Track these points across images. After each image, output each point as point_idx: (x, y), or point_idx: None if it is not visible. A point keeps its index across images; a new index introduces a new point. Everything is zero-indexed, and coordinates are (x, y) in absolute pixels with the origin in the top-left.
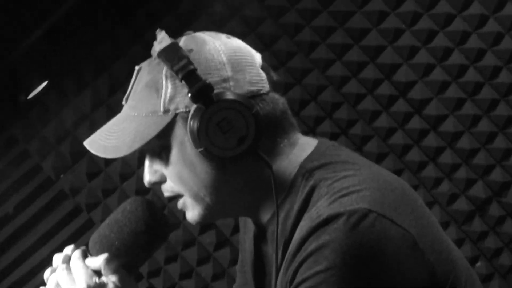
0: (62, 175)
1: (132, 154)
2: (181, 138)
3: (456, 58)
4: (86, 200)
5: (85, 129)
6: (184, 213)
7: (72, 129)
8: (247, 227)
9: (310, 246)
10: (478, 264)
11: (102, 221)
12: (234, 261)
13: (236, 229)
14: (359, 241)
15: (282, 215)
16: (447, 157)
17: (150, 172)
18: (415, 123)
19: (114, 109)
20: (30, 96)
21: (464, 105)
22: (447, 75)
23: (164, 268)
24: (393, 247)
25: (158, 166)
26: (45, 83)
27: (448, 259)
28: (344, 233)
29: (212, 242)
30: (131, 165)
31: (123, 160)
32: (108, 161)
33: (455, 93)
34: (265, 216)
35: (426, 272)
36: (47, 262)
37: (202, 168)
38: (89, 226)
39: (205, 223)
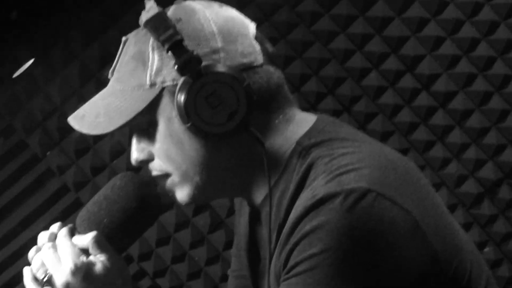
0: (48, 152)
1: (120, 131)
2: (169, 114)
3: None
4: (74, 178)
5: (73, 103)
6: None
7: (59, 104)
8: (243, 209)
9: (305, 227)
10: (486, 249)
11: None
12: (229, 244)
13: (231, 211)
14: (357, 223)
15: (276, 195)
16: (455, 136)
17: (137, 149)
18: (423, 99)
19: (104, 83)
20: (16, 74)
21: (475, 81)
22: (457, 49)
23: (155, 251)
24: (393, 229)
25: (146, 143)
26: (31, 61)
27: (452, 243)
28: (341, 214)
29: (206, 224)
30: (121, 142)
31: (113, 136)
32: (97, 138)
33: (465, 68)
34: (259, 197)
35: (428, 256)
36: (32, 244)
37: (191, 146)
38: (76, 206)
39: (195, 204)
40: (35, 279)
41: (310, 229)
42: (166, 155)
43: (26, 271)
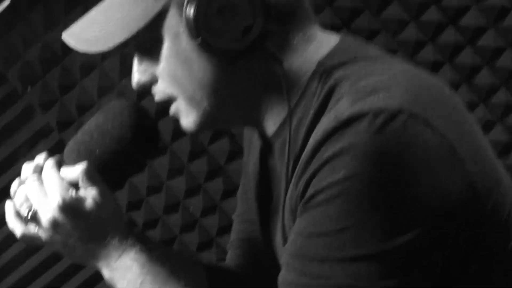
0: (30, 87)
1: (117, 49)
2: (176, 29)
3: None
4: (58, 117)
5: (59, 32)
6: (171, 137)
7: (42, 33)
8: (252, 146)
9: (326, 152)
10: None
11: None
12: (227, 193)
13: (231, 155)
14: (386, 146)
15: (293, 123)
16: (467, 56)
17: (139, 71)
18: (432, 15)
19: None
20: None
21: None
22: None
23: (146, 199)
24: (427, 154)
25: (148, 64)
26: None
27: (492, 174)
28: (368, 136)
29: (203, 171)
30: (111, 76)
31: (102, 70)
32: (84, 72)
33: None
34: (272, 127)
35: (465, 185)
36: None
37: (200, 65)
38: (60, 148)
39: (201, 132)
40: (18, 215)
41: (333, 153)
42: (172, 76)
43: (8, 206)
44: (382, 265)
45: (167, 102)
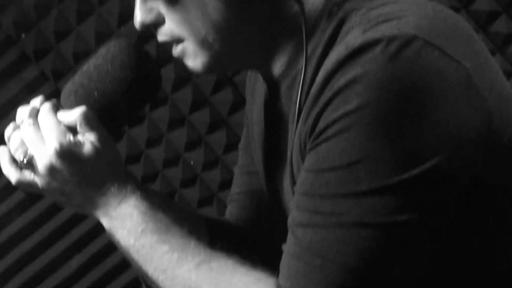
0: (24, 34)
1: None
2: None
3: None
4: (53, 66)
5: None
6: (172, 87)
7: None
8: (256, 94)
9: (338, 82)
10: None
11: None
12: (230, 147)
13: (234, 107)
14: (400, 73)
15: (301, 62)
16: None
17: (143, 9)
18: (444, 0)
19: None
20: None
21: None
22: None
23: (145, 152)
24: (442, 81)
25: (156, 2)
26: None
27: (509, 107)
28: (382, 64)
29: (205, 122)
30: (109, 22)
31: (99, 16)
32: (81, 18)
33: None
34: (279, 68)
35: (480, 115)
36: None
37: (215, 5)
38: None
39: (208, 73)
40: (13, 160)
41: (345, 83)
42: (183, 17)
43: (2, 151)
44: (397, 198)
45: (170, 44)
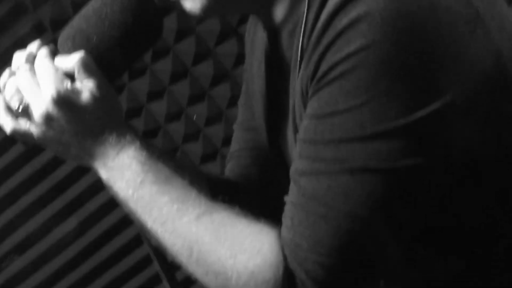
0: None
1: None
2: None
3: None
4: (52, 15)
5: None
6: (174, 38)
7: None
8: (255, 47)
9: (340, 22)
10: None
11: None
12: (234, 100)
13: (239, 59)
14: (406, 10)
15: (303, 5)
16: None
17: None
18: None
19: None
20: None
21: None
22: None
23: (146, 106)
24: (450, 18)
25: None
26: None
27: None
28: (387, 1)
29: (209, 75)
30: None
31: None
32: None
33: None
34: (281, 14)
35: (489, 55)
36: None
37: None
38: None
39: (206, 16)
40: (8, 108)
41: (348, 23)
42: None
43: None
44: (403, 141)
45: None
